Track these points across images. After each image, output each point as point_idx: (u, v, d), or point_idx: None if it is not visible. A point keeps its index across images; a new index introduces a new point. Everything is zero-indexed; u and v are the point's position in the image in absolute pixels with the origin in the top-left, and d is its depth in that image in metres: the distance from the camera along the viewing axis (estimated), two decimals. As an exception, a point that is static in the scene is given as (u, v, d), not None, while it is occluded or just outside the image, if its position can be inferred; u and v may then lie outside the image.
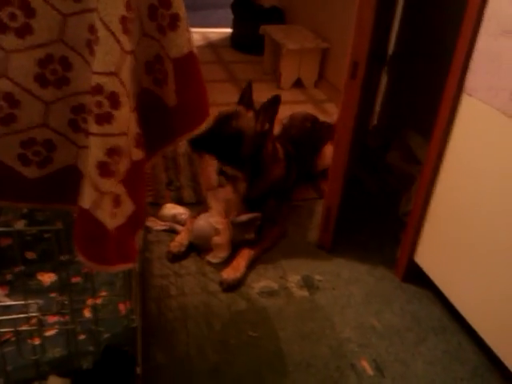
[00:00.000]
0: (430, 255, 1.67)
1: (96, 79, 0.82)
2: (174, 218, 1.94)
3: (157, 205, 2.07)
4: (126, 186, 0.94)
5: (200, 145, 1.85)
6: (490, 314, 1.41)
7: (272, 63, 3.85)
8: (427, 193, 1.62)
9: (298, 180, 2.20)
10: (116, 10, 0.80)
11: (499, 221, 1.35)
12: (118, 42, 0.81)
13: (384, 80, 2.92)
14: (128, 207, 0.97)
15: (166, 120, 1.02)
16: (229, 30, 4.67)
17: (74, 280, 1.60)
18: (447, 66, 1.47)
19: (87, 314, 1.50)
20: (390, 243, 1.96)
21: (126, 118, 0.87)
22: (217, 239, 1.75)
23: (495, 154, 1.36)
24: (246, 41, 4.32)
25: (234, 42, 4.50)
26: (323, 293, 1.70)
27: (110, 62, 0.81)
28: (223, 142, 1.84)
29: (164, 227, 1.93)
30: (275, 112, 1.91)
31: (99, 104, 0.83)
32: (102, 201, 0.87)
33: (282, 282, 1.73)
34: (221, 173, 2.03)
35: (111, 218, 0.92)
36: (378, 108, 2.98)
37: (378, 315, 1.63)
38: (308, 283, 1.74)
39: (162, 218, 1.97)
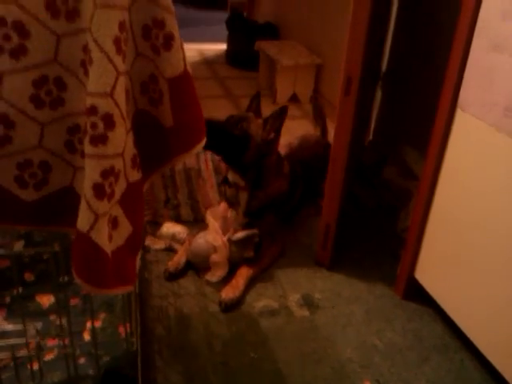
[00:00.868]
0: (429, 272, 1.67)
1: (90, 100, 0.82)
2: (173, 237, 1.93)
3: (155, 223, 2.06)
4: (124, 208, 0.94)
5: (209, 144, 1.85)
6: (492, 331, 1.41)
7: (267, 79, 3.87)
8: (425, 209, 1.62)
9: (302, 202, 2.19)
10: (109, 31, 0.80)
11: (497, 236, 1.35)
12: (112, 62, 0.81)
13: (379, 95, 2.94)
14: (126, 229, 0.96)
15: (163, 140, 1.02)
16: (224, 46, 4.70)
17: (73, 302, 1.59)
18: (441, 81, 1.49)
19: (87, 336, 1.48)
20: (389, 260, 1.95)
21: (120, 139, 0.87)
22: (214, 257, 1.74)
23: (490, 169, 1.36)
24: (241, 57, 4.35)
25: (229, 57, 4.53)
26: (323, 312, 1.69)
27: (104, 83, 0.81)
28: (231, 143, 1.87)
29: (163, 246, 1.92)
30: (282, 122, 1.96)
31: (94, 125, 0.83)
32: (99, 223, 0.86)
33: (282, 301, 1.72)
34: (224, 181, 2.04)
35: (109, 240, 0.91)
36: (373, 123, 3.00)
37: (380, 334, 1.62)
38: (308, 302, 1.73)
39: (161, 237, 1.96)
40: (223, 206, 1.91)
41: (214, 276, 1.75)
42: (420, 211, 1.65)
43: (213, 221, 1.83)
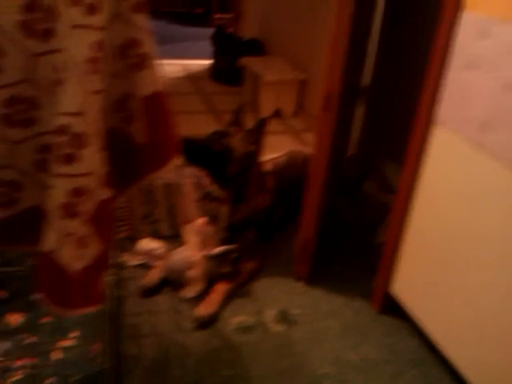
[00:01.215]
0: (405, 287, 1.67)
1: (61, 120, 0.82)
2: (150, 253, 1.91)
3: (133, 239, 2.04)
4: (94, 226, 0.93)
5: (193, 157, 1.92)
6: (466, 346, 1.40)
7: (251, 94, 3.89)
8: (401, 223, 1.63)
9: (286, 218, 2.20)
10: (82, 51, 0.81)
11: (473, 251, 1.35)
12: (84, 82, 0.82)
13: (360, 110, 2.97)
14: (94, 248, 0.95)
15: (136, 157, 1.02)
16: (208, 62, 4.72)
17: (45, 320, 1.56)
18: (418, 97, 1.50)
19: (58, 355, 1.46)
20: (367, 274, 1.95)
21: (91, 158, 0.87)
22: (191, 273, 1.73)
23: (466, 183, 1.37)
24: (226, 72, 4.37)
25: (214, 73, 4.55)
26: (300, 327, 1.68)
27: (75, 103, 0.81)
28: (213, 158, 1.91)
29: (139, 262, 1.90)
30: (261, 134, 2.00)
31: (63, 144, 0.82)
32: (65, 243, 0.85)
33: (258, 317, 1.71)
34: (205, 196, 2.04)
35: (75, 260, 0.90)
36: (354, 138, 3.01)
37: (356, 349, 1.61)
38: (285, 318, 1.72)
39: (138, 253, 1.94)
40: (201, 221, 1.90)
41: (190, 292, 1.74)
42: (396, 225, 1.65)
43: (190, 236, 1.82)
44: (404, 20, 2.58)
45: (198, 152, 1.90)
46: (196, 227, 1.88)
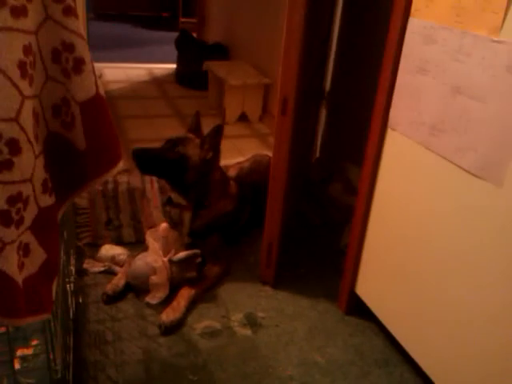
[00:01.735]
0: (369, 287, 1.69)
1: None
2: (113, 259, 1.88)
3: (96, 246, 2.00)
4: (36, 234, 0.90)
5: (147, 167, 1.91)
6: (429, 345, 1.43)
7: (216, 98, 3.89)
8: (362, 224, 1.65)
9: (251, 223, 2.19)
10: (12, 55, 0.78)
11: (431, 250, 1.38)
12: (16, 86, 0.79)
13: (323, 114, 3.00)
14: (39, 256, 0.93)
15: (77, 163, 1.00)
16: (174, 66, 4.70)
17: (2, 329, 1.50)
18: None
19: (17, 365, 1.40)
20: (333, 275, 1.97)
21: (27, 164, 0.84)
22: (154, 279, 1.70)
23: (420, 184, 1.40)
24: (191, 76, 4.36)
25: (179, 77, 4.54)
26: (266, 330, 1.68)
27: (8, 108, 0.79)
28: (168, 165, 1.89)
29: (102, 269, 1.86)
30: (219, 140, 1.98)
31: None
32: (6, 251, 0.82)
33: (224, 322, 1.70)
34: (167, 202, 2.01)
35: (19, 268, 0.87)
36: (319, 141, 3.05)
37: (321, 350, 1.62)
38: (251, 321, 1.71)
39: (100, 260, 1.90)
40: (164, 226, 1.88)
41: (154, 298, 1.71)
42: (358, 227, 1.67)
43: (153, 241, 1.79)
44: (362, 25, 2.63)
45: (153, 161, 1.88)
46: (159, 232, 1.86)
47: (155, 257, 1.73)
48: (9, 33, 0.78)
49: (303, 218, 2.45)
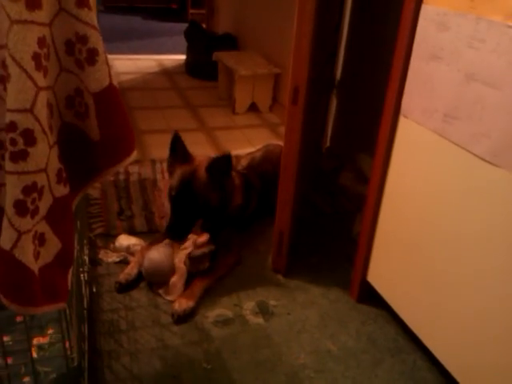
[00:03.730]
0: (381, 275, 1.69)
1: (9, 116, 0.80)
2: (128, 250, 1.88)
3: (108, 236, 2.02)
4: (51, 224, 0.91)
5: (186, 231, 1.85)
6: (442, 332, 1.43)
7: (226, 89, 3.88)
8: (374, 212, 1.65)
9: (259, 212, 2.19)
10: (27, 47, 0.79)
11: (445, 238, 1.37)
12: (31, 78, 0.80)
13: (334, 103, 2.99)
14: (54, 245, 0.94)
15: (91, 154, 1.01)
16: (183, 57, 4.70)
17: (19, 318, 1.53)
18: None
19: (33, 353, 1.43)
20: (345, 264, 1.97)
21: (42, 154, 0.85)
22: (175, 280, 1.70)
23: (433, 172, 1.39)
24: (200, 67, 4.36)
25: (189, 68, 4.53)
26: (278, 318, 1.69)
27: (23, 99, 0.80)
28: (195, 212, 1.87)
29: (117, 259, 1.87)
30: (229, 172, 1.93)
31: (13, 141, 0.81)
32: (22, 240, 0.83)
33: (236, 310, 1.71)
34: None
35: (35, 257, 0.88)
36: (330, 130, 3.03)
37: (334, 338, 1.62)
38: (263, 309, 1.72)
39: (116, 250, 1.91)
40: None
41: (169, 296, 1.71)
42: (369, 215, 1.67)
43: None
44: (373, 12, 2.61)
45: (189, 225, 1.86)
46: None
47: (178, 254, 1.73)
48: (24, 25, 0.78)
49: (314, 207, 2.45)
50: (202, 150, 2.70)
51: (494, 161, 1.18)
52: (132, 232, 2.06)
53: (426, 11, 1.35)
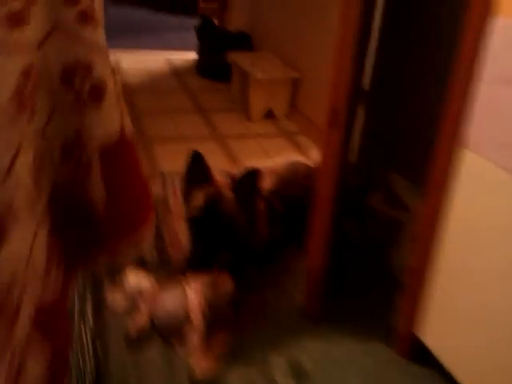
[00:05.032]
0: (434, 329, 1.44)
1: None
2: (138, 291, 1.63)
3: (116, 271, 1.76)
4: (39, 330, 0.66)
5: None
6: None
7: (240, 92, 3.62)
8: (426, 255, 1.40)
9: (284, 242, 1.94)
10: (6, 86, 0.53)
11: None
12: (9, 127, 0.54)
13: (361, 115, 2.73)
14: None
15: (95, 226, 0.74)
16: (193, 54, 4.43)
17: None
18: (433, 107, 1.30)
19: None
20: (384, 307, 1.71)
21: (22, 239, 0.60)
22: (191, 333, 1.47)
23: (504, 217, 1.17)
24: (212, 67, 4.09)
25: (200, 68, 4.26)
26: (314, 383, 1.44)
27: None
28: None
29: (125, 306, 1.61)
30: (256, 190, 1.76)
31: None
32: None
33: (264, 369, 1.46)
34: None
35: None
36: (356, 146, 2.78)
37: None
38: (295, 369, 1.47)
39: (125, 292, 1.65)
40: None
41: (186, 348, 1.47)
42: (421, 258, 1.42)
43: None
44: (411, 11, 2.34)
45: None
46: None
47: (197, 300, 1.49)
48: (2, 49, 0.52)
49: (343, 233, 2.20)
50: (214, 162, 2.44)
51: None
52: (140, 263, 1.81)
53: (500, 25, 1.11)
